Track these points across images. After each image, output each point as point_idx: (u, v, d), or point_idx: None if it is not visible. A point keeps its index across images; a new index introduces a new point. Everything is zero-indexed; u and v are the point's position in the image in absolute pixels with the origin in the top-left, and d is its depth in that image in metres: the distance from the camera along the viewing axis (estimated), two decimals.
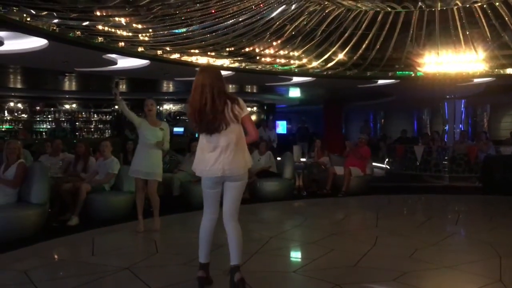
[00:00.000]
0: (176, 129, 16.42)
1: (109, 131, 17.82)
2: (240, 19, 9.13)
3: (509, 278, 4.07)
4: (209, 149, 3.65)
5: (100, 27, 7.91)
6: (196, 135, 14.98)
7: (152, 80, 13.14)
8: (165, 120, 16.98)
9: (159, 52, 8.64)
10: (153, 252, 5.22)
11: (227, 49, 9.60)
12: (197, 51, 9.08)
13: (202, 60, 9.28)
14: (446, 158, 11.88)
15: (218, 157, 3.62)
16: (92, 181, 7.06)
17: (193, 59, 9.09)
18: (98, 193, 6.92)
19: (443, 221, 7.25)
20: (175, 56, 9.24)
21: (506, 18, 9.54)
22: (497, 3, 9.37)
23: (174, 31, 8.85)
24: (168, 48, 8.57)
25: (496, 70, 10.78)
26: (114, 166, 7.24)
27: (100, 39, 7.80)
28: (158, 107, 17.69)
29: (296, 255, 5.47)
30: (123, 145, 9.84)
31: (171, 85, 14.93)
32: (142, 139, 5.93)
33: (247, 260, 4.78)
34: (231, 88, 15.30)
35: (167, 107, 18.08)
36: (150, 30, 8.43)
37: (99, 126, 18.10)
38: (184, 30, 9.23)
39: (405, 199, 9.60)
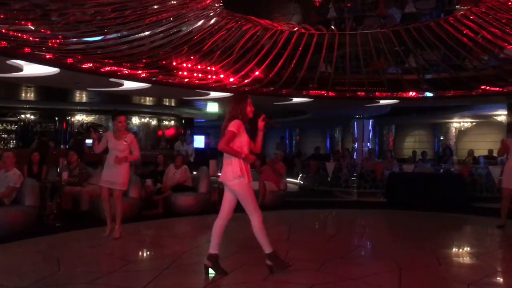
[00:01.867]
0: (88, 141, 15.73)
1: (14, 141, 16.66)
2: (157, 31, 9.01)
3: None
4: None
5: (3, 30, 7.41)
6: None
7: (64, 89, 12.51)
8: (76, 131, 16.27)
9: (70, 60, 8.25)
10: (54, 270, 4.92)
11: (143, 60, 9.42)
12: (111, 61, 8.80)
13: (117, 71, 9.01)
14: (355, 174, 12.47)
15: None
16: None
17: (106, 69, 8.79)
18: None
19: (350, 235, 7.56)
20: (88, 65, 8.88)
21: (409, 45, 10.30)
22: (400, 31, 10.10)
23: (87, 39, 8.53)
24: (79, 57, 8.22)
25: (400, 93, 11.54)
26: (15, 179, 6.81)
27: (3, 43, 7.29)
28: (69, 117, 16.92)
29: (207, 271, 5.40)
30: (30, 156, 9.26)
31: (84, 95, 14.32)
32: (108, 151, 6.52)
33: (158, 275, 4.67)
34: (148, 101, 15.01)
35: (80, 118, 17.29)
36: (60, 37, 8.05)
37: (3, 136, 16.85)
38: (99, 38, 8.94)
39: (317, 213, 9.90)
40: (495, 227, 7.72)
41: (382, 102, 12.24)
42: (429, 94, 11.49)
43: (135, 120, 17.40)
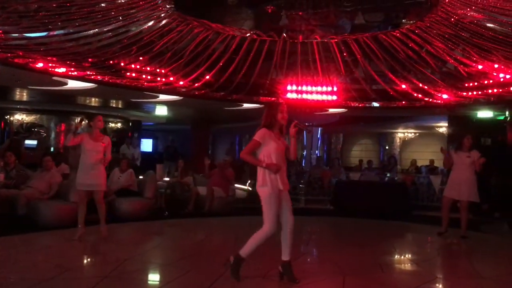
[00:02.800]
0: (28, 142, 15.03)
1: None
2: (105, 29, 8.74)
3: None
4: None
5: None
6: (52, 150, 13.84)
7: (2, 86, 11.87)
8: (15, 131, 15.50)
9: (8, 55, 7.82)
10: None
11: (89, 59, 9.10)
12: (54, 59, 8.43)
13: (61, 69, 8.64)
14: (302, 181, 12.57)
15: None
16: None
17: (49, 67, 8.40)
18: None
19: (296, 242, 7.52)
20: (29, 62, 8.46)
21: (358, 56, 10.54)
22: (350, 41, 10.32)
23: (29, 34, 8.13)
24: (20, 53, 7.81)
25: (348, 102, 11.78)
26: None
27: None
28: (8, 117, 16.09)
29: (150, 278, 5.25)
30: None
31: (24, 94, 13.66)
32: (84, 153, 6.52)
33: (98, 283, 4.47)
34: (93, 101, 14.53)
35: (19, 117, 16.46)
36: (0, 31, 7.63)
37: None
38: (42, 34, 8.54)
39: None
40: (435, 234, 7.98)
41: (331, 110, 12.45)
42: (375, 104, 11.81)
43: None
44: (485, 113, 11.91)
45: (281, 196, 4.68)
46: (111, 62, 9.49)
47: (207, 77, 10.73)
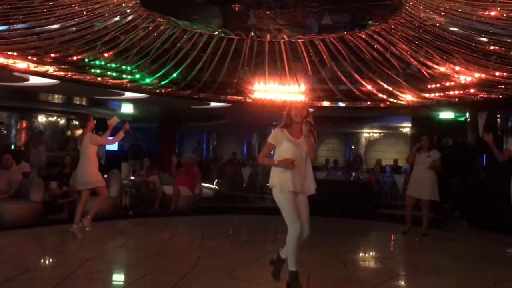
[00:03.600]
0: None
1: None
2: (68, 24, 8.52)
3: None
4: None
5: None
6: (12, 147, 13.42)
7: None
8: None
9: None
10: None
11: (52, 55, 8.86)
12: (15, 53, 8.17)
13: (22, 64, 8.38)
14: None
15: None
16: None
17: (9, 62, 8.14)
18: None
19: (263, 241, 7.60)
20: None
21: (324, 56, 10.64)
22: (316, 42, 10.41)
23: None
24: None
25: (315, 102, 11.89)
26: None
27: None
28: None
29: (113, 278, 5.15)
30: None
31: None
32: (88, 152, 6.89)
33: (59, 284, 4.36)
34: (56, 98, 14.15)
35: None
36: None
37: None
38: (3, 28, 8.26)
39: (231, 219, 9.86)
40: (399, 233, 8.15)
41: None
42: (341, 104, 11.96)
43: (41, 119, 16.35)
44: (446, 114, 12.25)
45: (297, 200, 4.33)
46: (74, 58, 9.27)
47: (174, 75, 10.62)
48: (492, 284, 4.99)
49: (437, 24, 8.51)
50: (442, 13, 7.97)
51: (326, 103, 11.88)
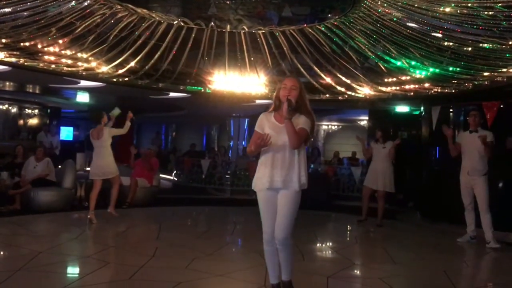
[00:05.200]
0: None
1: None
2: (21, 9, 8.16)
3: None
4: None
5: None
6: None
7: None
8: None
9: None
10: None
11: (3, 40, 8.47)
12: None
13: None
14: (229, 172, 12.60)
15: None
16: None
17: None
18: None
19: (221, 232, 7.60)
20: None
21: (284, 48, 10.67)
22: (277, 33, 10.43)
23: None
24: None
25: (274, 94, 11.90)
26: None
27: None
28: None
29: (67, 271, 5.03)
30: None
31: None
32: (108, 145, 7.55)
33: (9, 277, 4.21)
34: (7, 86, 13.57)
35: None
36: None
37: None
38: None
39: (189, 210, 9.81)
40: (355, 223, 8.34)
41: (258, 102, 12.55)
42: None
43: None
44: (402, 108, 12.58)
45: (277, 198, 3.67)
46: (26, 44, 8.90)
47: (132, 63, 10.38)
48: (443, 272, 5.17)
49: (394, 19, 8.68)
50: (399, 8, 8.12)
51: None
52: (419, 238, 7.65)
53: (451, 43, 8.69)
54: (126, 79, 10.55)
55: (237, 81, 11.47)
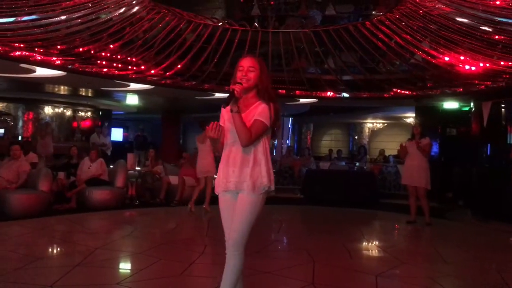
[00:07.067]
0: None
1: None
2: (75, 16, 8.57)
3: (320, 281, 4.47)
4: None
5: None
6: (20, 138, 13.45)
7: None
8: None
9: None
10: None
11: (58, 46, 8.91)
12: (22, 45, 8.22)
13: (28, 55, 8.44)
14: (274, 171, 12.67)
15: None
16: None
17: (16, 54, 8.19)
18: None
19: (267, 229, 7.68)
20: None
21: (328, 47, 10.66)
22: (322, 32, 10.43)
23: None
24: None
25: (319, 92, 11.91)
26: None
27: None
28: None
29: (121, 266, 5.25)
30: None
31: None
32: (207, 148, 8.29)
33: (68, 272, 4.46)
34: (62, 90, 14.22)
35: None
36: None
37: None
38: (9, 20, 8.32)
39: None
40: (402, 222, 8.21)
41: (302, 100, 12.56)
42: (345, 95, 11.98)
43: (48, 110, 16.45)
44: (451, 104, 12.25)
45: (235, 203, 3.03)
46: (80, 49, 9.32)
47: (179, 66, 10.66)
48: (496, 273, 5.06)
49: (443, 14, 8.50)
50: (448, 3, 7.96)
51: (330, 94, 11.90)
52: (471, 237, 7.45)
53: (502, 37, 8.42)
54: (173, 81, 10.83)
55: (281, 80, 11.53)
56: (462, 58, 9.78)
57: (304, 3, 11.13)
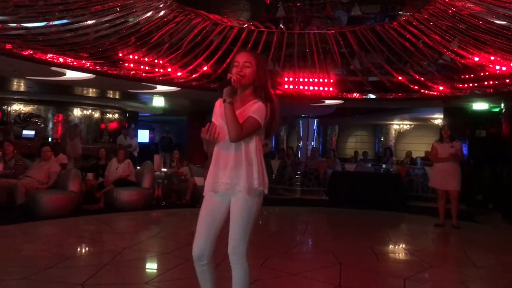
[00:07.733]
0: (25, 132, 15.08)
1: None
2: (103, 20, 8.73)
3: (346, 284, 4.43)
4: None
5: None
6: (50, 139, 13.78)
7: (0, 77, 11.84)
8: (13, 121, 15.50)
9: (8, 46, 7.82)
10: None
11: (88, 50, 9.10)
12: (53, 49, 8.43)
13: (59, 59, 8.65)
14: (298, 172, 12.66)
15: None
16: None
17: (48, 57, 8.41)
18: None
19: (293, 231, 7.68)
20: (28, 52, 8.45)
21: (354, 47, 10.58)
22: (347, 33, 10.37)
23: (27, 24, 8.12)
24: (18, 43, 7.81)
25: (344, 93, 11.83)
26: None
27: None
28: (5, 107, 16.07)
29: (149, 266, 5.32)
30: None
31: (22, 84, 13.64)
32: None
33: (98, 272, 4.54)
34: (91, 92, 14.51)
35: (17, 107, 16.46)
36: None
37: None
38: (41, 24, 8.53)
39: (261, 210, 9.93)
40: (430, 225, 8.07)
41: (328, 102, 12.50)
42: (372, 96, 11.87)
43: (77, 112, 16.83)
44: (480, 105, 11.99)
45: (222, 206, 2.89)
46: (109, 53, 9.49)
47: (205, 68, 10.74)
48: None
49: (473, 13, 8.34)
50: (478, 2, 7.81)
51: (356, 95, 11.81)
52: (501, 241, 7.28)
53: None
54: (200, 83, 10.92)
55: (307, 82, 11.51)
56: (492, 58, 9.57)
57: (329, 4, 11.08)
